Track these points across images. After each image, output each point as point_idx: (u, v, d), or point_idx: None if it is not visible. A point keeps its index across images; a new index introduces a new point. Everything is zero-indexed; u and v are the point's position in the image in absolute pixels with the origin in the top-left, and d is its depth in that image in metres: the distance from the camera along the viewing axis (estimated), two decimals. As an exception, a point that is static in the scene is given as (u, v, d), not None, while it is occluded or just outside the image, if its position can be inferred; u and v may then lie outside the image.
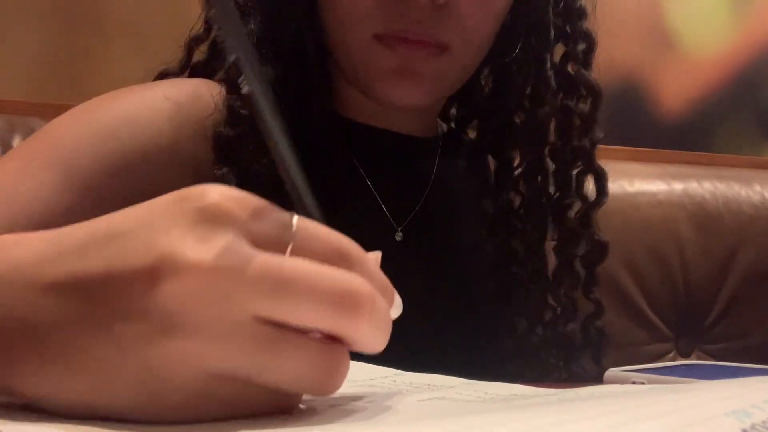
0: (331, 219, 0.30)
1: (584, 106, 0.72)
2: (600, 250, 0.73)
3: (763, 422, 0.23)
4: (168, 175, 0.60)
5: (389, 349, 0.31)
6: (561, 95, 0.72)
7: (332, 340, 0.29)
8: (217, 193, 0.28)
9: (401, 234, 0.68)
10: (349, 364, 0.30)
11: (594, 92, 0.72)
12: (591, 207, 0.73)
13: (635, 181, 1.17)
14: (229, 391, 0.28)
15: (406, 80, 0.62)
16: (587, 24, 0.72)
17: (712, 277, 1.16)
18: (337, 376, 0.29)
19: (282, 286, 0.27)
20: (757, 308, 1.15)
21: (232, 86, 0.62)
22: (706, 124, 1.51)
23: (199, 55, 0.70)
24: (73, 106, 0.63)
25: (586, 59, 0.72)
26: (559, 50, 0.73)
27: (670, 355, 1.15)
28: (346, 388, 0.36)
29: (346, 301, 0.28)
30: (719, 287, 1.16)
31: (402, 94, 0.63)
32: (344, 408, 0.32)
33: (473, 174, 0.77)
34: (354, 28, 0.62)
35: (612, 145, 0.74)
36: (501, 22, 0.66)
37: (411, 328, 0.48)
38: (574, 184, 0.72)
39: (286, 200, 0.32)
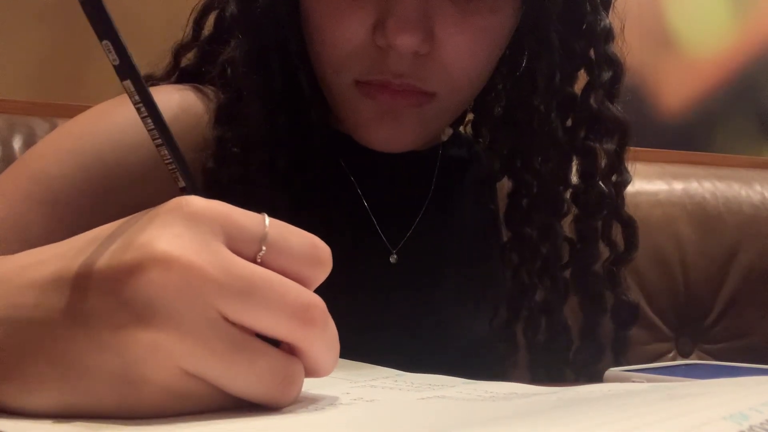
0: (325, 241, 0.31)
1: (609, 145, 0.64)
2: (629, 312, 0.66)
3: (761, 424, 0.23)
4: (156, 190, 0.58)
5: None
6: (583, 132, 0.65)
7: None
8: (198, 201, 0.30)
9: (396, 256, 0.65)
10: (303, 379, 0.31)
11: (621, 128, 0.64)
12: (617, 261, 0.66)
13: (635, 181, 1.16)
14: (203, 390, 0.29)
15: (386, 126, 0.57)
16: (614, 48, 0.64)
17: (712, 277, 1.16)
18: (292, 386, 0.30)
19: (249, 289, 0.29)
20: (757, 308, 1.15)
21: (220, 115, 0.59)
22: (706, 124, 1.51)
23: (186, 61, 0.68)
24: (73, 105, 0.62)
25: (611, 89, 0.64)
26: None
27: (670, 355, 1.15)
28: (348, 388, 0.36)
29: (303, 314, 0.30)
30: (719, 287, 1.16)
31: (383, 140, 0.59)
32: (346, 407, 0.32)
33: (480, 191, 0.72)
34: (334, 73, 0.58)
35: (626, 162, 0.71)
36: (496, 57, 0.60)
37: (399, 353, 0.48)
38: (599, 234, 0.66)
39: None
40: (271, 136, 0.60)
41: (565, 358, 0.67)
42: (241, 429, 0.28)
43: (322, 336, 0.30)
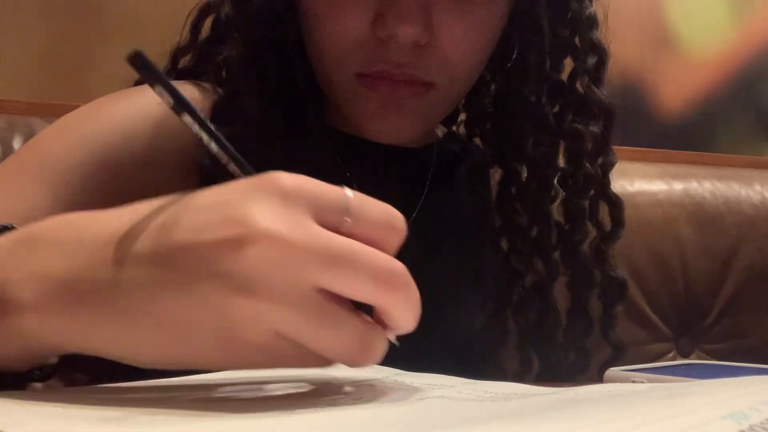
0: None
1: (595, 128, 0.66)
2: (617, 288, 0.68)
3: (761, 423, 0.23)
4: (159, 176, 0.59)
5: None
6: (570, 116, 0.66)
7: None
8: (287, 177, 0.33)
9: None
10: (385, 346, 0.34)
11: (606, 111, 0.66)
12: (605, 239, 0.68)
13: (635, 181, 1.17)
14: (289, 348, 0.32)
15: (389, 117, 0.59)
16: (598, 34, 0.65)
17: (712, 277, 1.16)
18: (373, 351, 0.33)
19: (338, 261, 0.31)
20: (757, 308, 1.15)
21: (216, 113, 0.60)
22: (706, 124, 1.51)
23: (183, 63, 0.68)
24: (73, 106, 0.62)
25: (597, 74, 0.65)
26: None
27: (670, 355, 1.15)
28: (348, 388, 0.36)
29: (388, 279, 0.32)
30: (719, 287, 1.16)
31: (386, 131, 0.60)
32: (344, 406, 0.32)
33: (473, 181, 0.72)
34: (336, 67, 0.59)
35: (612, 144, 0.72)
36: (492, 47, 0.62)
37: (397, 349, 0.48)
38: (586, 214, 0.67)
39: None
40: (267, 133, 0.60)
41: (555, 339, 0.69)
42: (243, 428, 0.28)
43: (405, 298, 0.33)
